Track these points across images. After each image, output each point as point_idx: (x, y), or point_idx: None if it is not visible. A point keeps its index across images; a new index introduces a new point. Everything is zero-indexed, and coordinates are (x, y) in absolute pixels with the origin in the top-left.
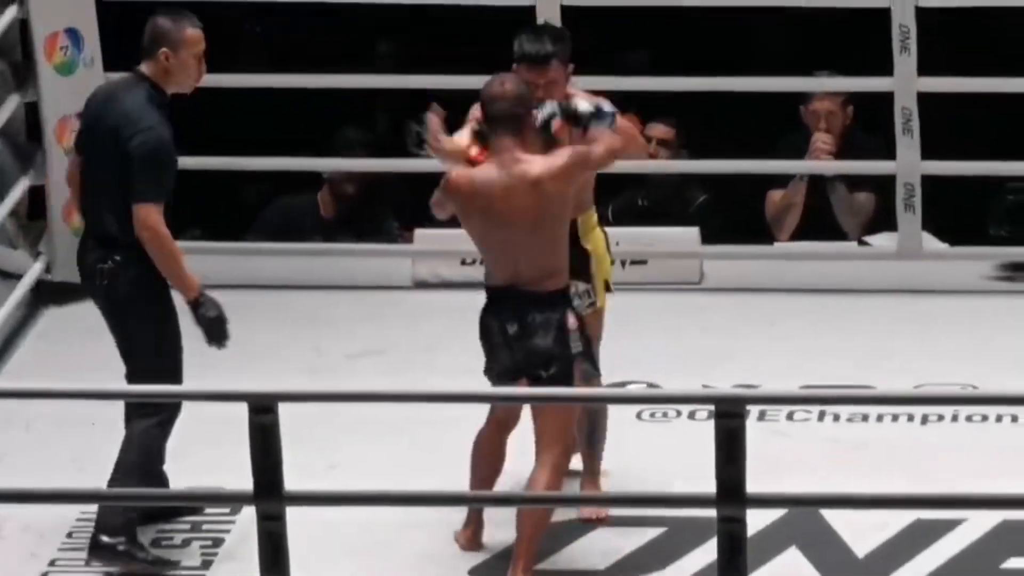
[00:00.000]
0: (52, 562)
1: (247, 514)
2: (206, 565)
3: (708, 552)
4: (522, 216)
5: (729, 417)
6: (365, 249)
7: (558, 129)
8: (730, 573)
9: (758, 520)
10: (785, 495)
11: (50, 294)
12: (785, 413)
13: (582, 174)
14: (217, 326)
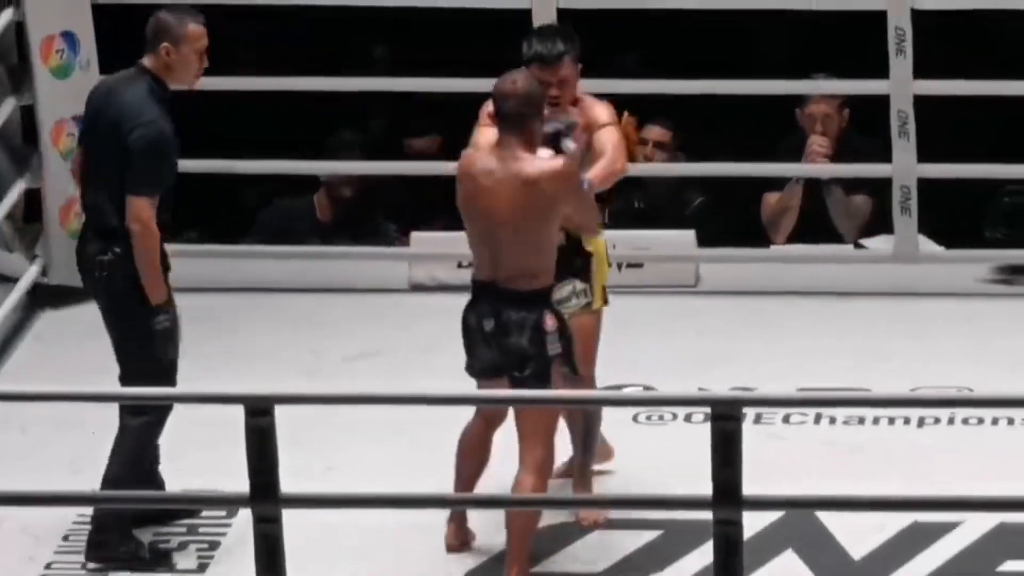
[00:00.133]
0: (48, 565)
1: (243, 516)
2: (202, 568)
3: (704, 554)
4: (508, 213)
5: (725, 419)
6: (362, 252)
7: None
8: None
9: (754, 522)
10: (781, 497)
11: (46, 297)
12: (781, 416)
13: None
14: (166, 339)
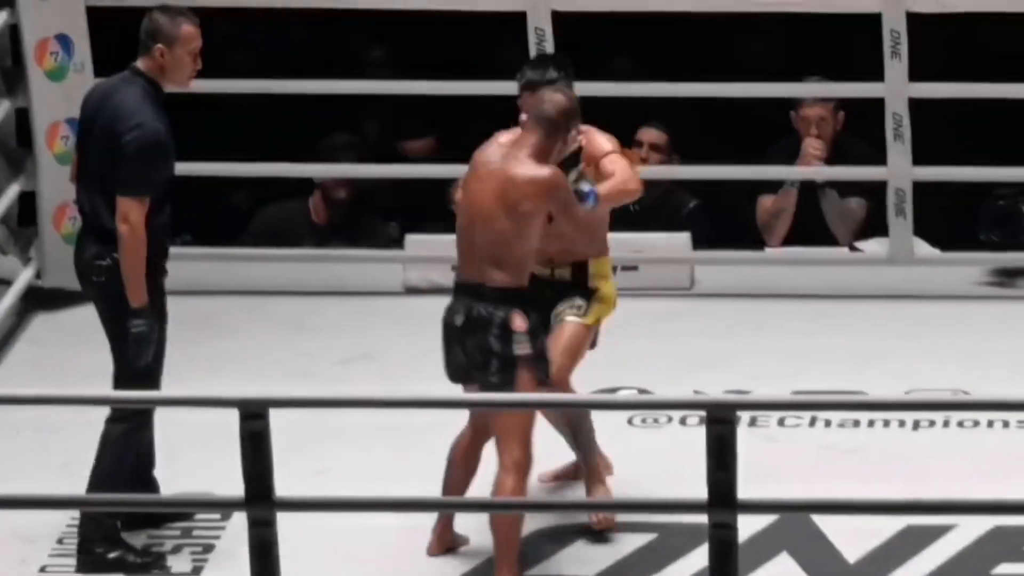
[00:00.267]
0: (43, 568)
1: (238, 520)
2: (197, 571)
3: (699, 558)
4: (489, 203)
5: (720, 423)
6: (356, 255)
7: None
8: None
9: (749, 526)
10: (776, 501)
11: (40, 300)
12: (776, 419)
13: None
14: (141, 343)
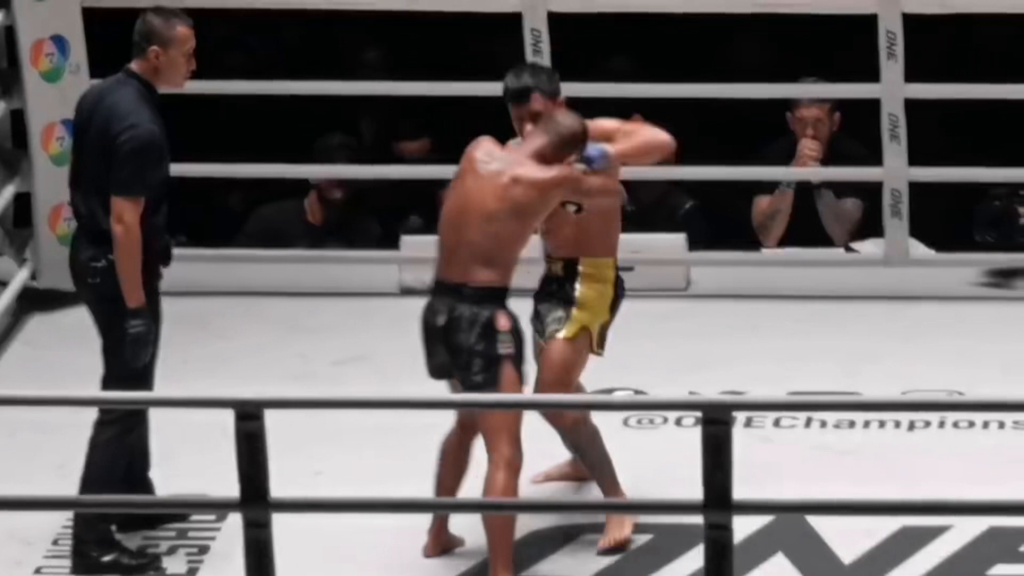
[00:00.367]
0: (38, 569)
1: (233, 521)
2: (192, 572)
3: (695, 559)
4: (486, 199)
5: (716, 424)
6: (351, 255)
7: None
8: None
9: (745, 527)
10: (772, 502)
11: (36, 301)
12: (772, 420)
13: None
14: (139, 344)
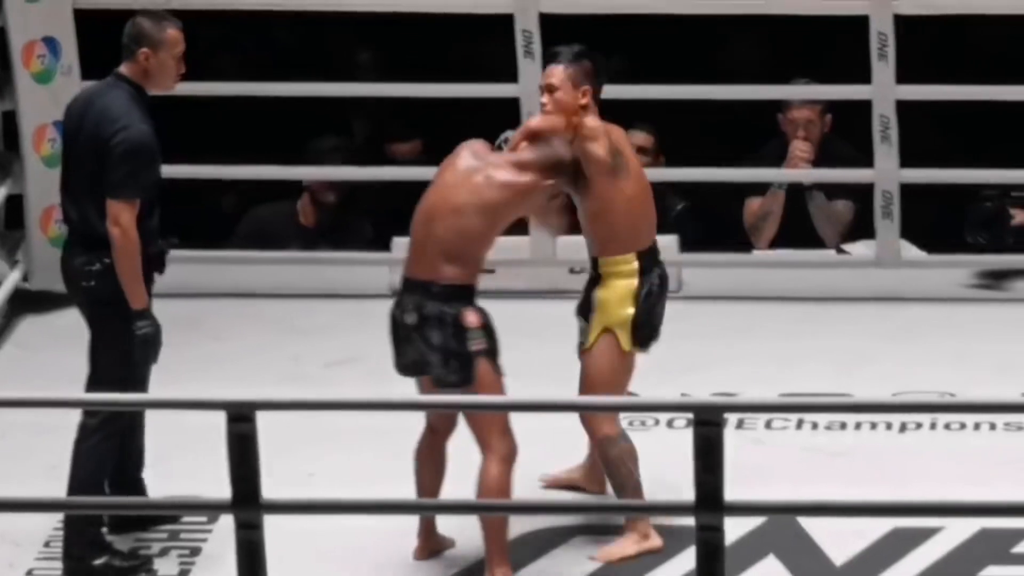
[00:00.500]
0: (29, 571)
1: (225, 523)
2: (183, 574)
3: (687, 560)
4: (459, 193)
5: (707, 425)
6: (343, 257)
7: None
8: None
9: (736, 528)
10: (763, 503)
11: (28, 302)
12: (763, 421)
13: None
14: (148, 345)
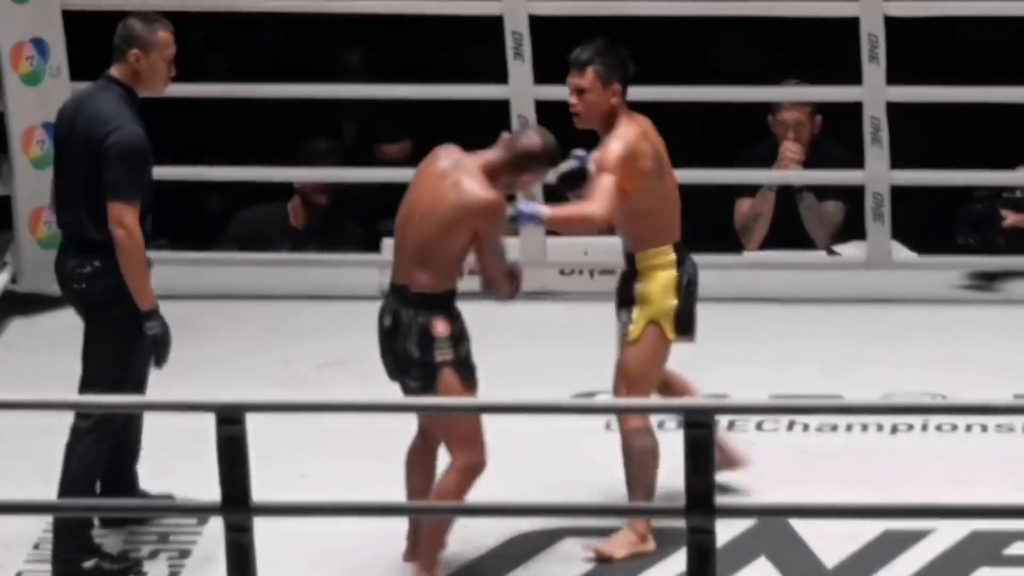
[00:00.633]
0: (19, 573)
1: (215, 525)
2: None
3: (678, 562)
4: (426, 202)
5: (698, 427)
6: (332, 259)
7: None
8: None
9: (727, 530)
10: (754, 505)
11: (17, 304)
12: (754, 423)
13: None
14: (160, 345)
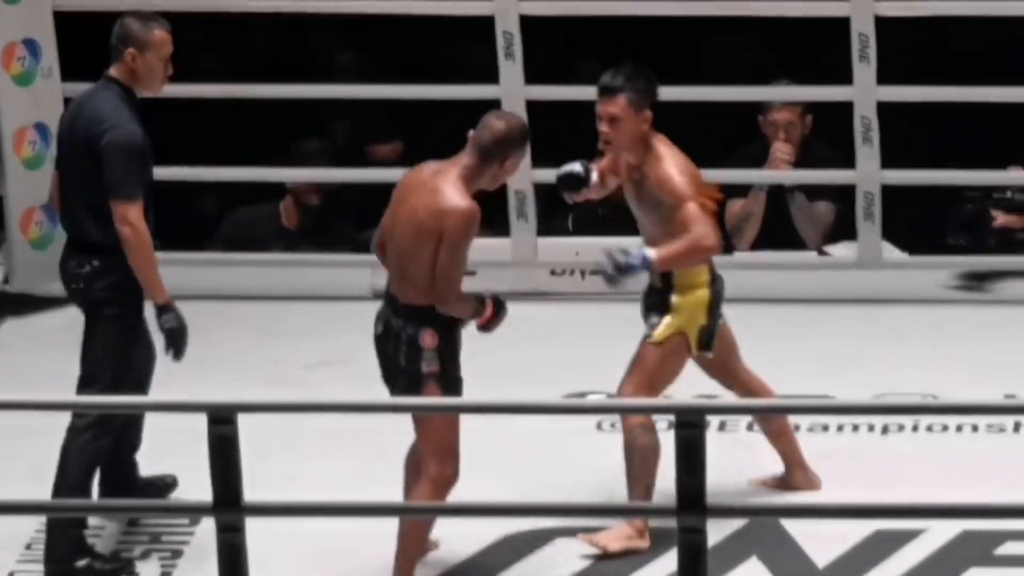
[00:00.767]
0: (11, 574)
1: (206, 525)
2: None
3: (669, 562)
4: (409, 217)
5: (689, 427)
6: (324, 259)
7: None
8: None
9: (719, 530)
10: (745, 505)
11: (9, 304)
12: (745, 423)
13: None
14: (177, 338)
